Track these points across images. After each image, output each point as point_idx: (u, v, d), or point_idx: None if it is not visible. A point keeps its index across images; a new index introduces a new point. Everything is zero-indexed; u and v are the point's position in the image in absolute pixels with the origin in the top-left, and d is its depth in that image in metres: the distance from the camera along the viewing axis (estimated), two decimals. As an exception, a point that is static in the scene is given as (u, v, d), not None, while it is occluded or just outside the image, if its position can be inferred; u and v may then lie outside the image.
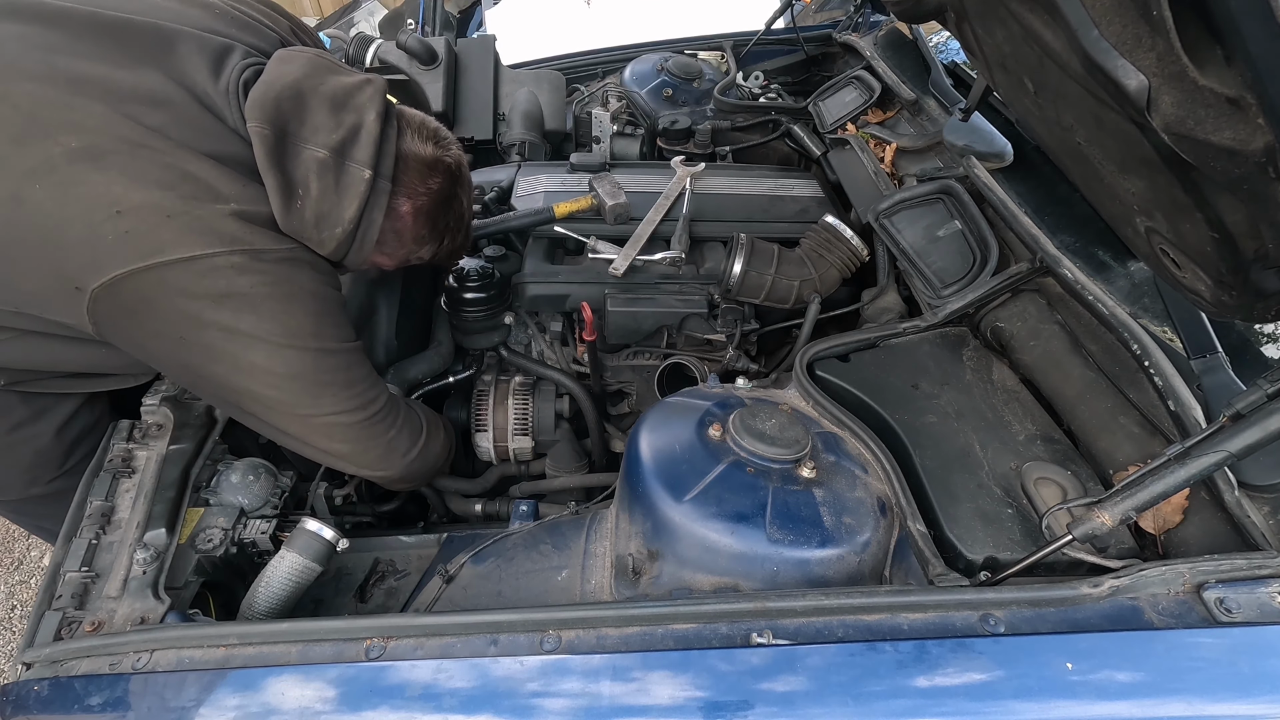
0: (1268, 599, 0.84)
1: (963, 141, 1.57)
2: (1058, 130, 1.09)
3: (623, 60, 2.58)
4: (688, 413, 1.16)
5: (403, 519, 1.65)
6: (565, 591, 1.12)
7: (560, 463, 1.61)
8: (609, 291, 1.64)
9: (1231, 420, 0.85)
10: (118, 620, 0.96)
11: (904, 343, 1.44)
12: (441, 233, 1.25)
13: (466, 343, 1.62)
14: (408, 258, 1.27)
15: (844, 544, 1.00)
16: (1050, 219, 1.39)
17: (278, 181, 1.02)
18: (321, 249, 1.10)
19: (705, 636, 0.85)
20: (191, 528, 1.11)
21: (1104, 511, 0.88)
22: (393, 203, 1.14)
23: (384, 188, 1.11)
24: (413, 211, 1.18)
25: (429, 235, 1.24)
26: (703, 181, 1.79)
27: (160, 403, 1.23)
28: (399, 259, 1.27)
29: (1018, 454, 1.18)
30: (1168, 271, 1.02)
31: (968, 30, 1.23)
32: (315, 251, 1.10)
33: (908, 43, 2.11)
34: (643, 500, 1.07)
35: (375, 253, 1.20)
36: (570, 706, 0.81)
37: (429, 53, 2.08)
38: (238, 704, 0.83)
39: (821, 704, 0.80)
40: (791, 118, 2.19)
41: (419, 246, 1.25)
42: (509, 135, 2.16)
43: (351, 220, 1.08)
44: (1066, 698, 0.80)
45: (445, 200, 1.21)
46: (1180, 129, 0.72)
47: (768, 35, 2.56)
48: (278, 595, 1.06)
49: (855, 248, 1.65)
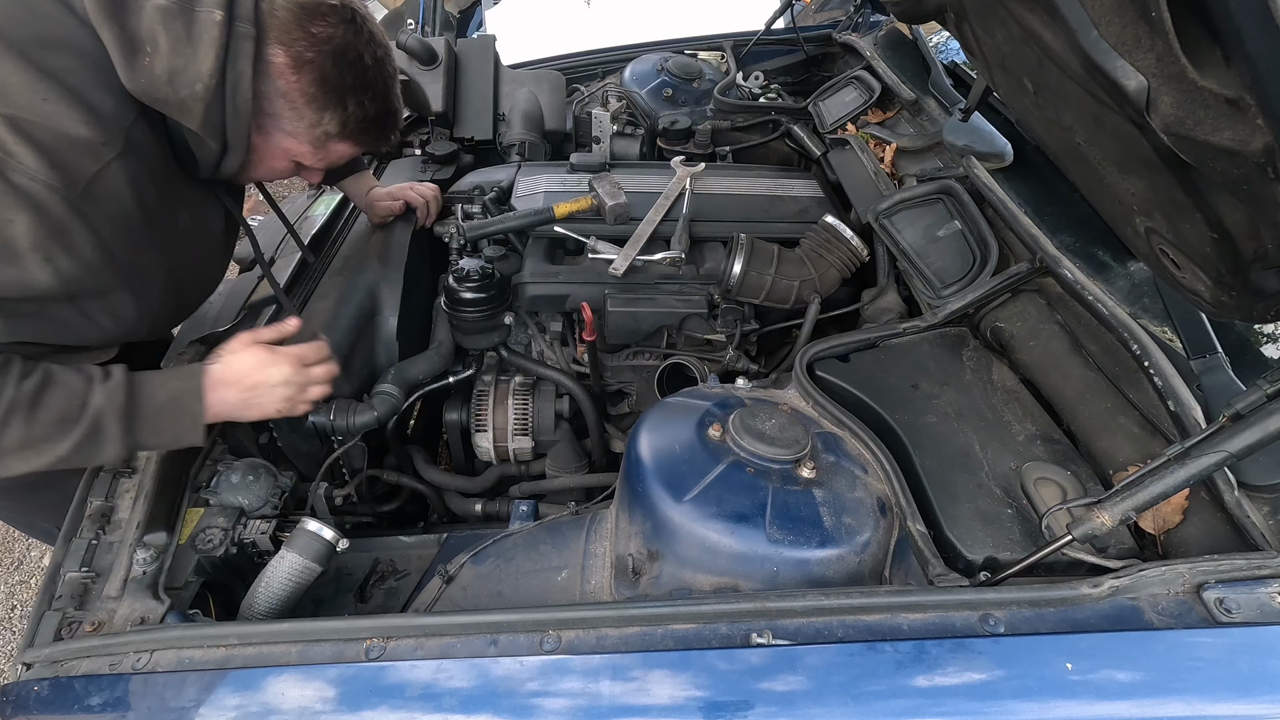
0: (1267, 599, 0.84)
1: (963, 141, 1.57)
2: (1058, 130, 1.09)
3: (623, 60, 2.58)
4: (688, 413, 1.16)
5: (403, 519, 1.65)
6: (565, 592, 1.12)
7: (560, 463, 1.61)
8: (609, 291, 1.64)
9: (1231, 420, 0.85)
10: (118, 620, 0.96)
11: (904, 343, 1.44)
12: (343, 94, 1.08)
13: (466, 343, 1.62)
14: (317, 137, 1.11)
15: (844, 544, 1.00)
16: (1050, 219, 1.39)
17: (116, 37, 0.91)
18: (186, 116, 0.97)
19: (705, 637, 0.85)
20: (191, 528, 1.11)
21: (1104, 511, 0.88)
22: (263, 52, 1.00)
23: (245, 32, 0.97)
24: (293, 64, 1.02)
25: (325, 97, 1.07)
26: (703, 181, 1.79)
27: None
28: (307, 138, 1.11)
29: (1018, 454, 1.18)
30: (1167, 271, 1.02)
31: (968, 30, 1.23)
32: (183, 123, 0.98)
33: (908, 43, 2.12)
34: (643, 500, 1.07)
35: (272, 129, 1.07)
36: (570, 706, 0.81)
37: (429, 53, 2.09)
38: (237, 704, 0.83)
39: (821, 704, 0.80)
40: (791, 118, 2.20)
41: (319, 114, 1.08)
42: (509, 135, 2.16)
43: (211, 73, 0.95)
44: (1066, 698, 0.79)
45: (338, 52, 1.05)
46: (1180, 129, 0.72)
47: (768, 35, 2.56)
48: (278, 595, 1.06)
49: (855, 248, 1.65)
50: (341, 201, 1.86)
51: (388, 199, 1.73)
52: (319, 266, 1.65)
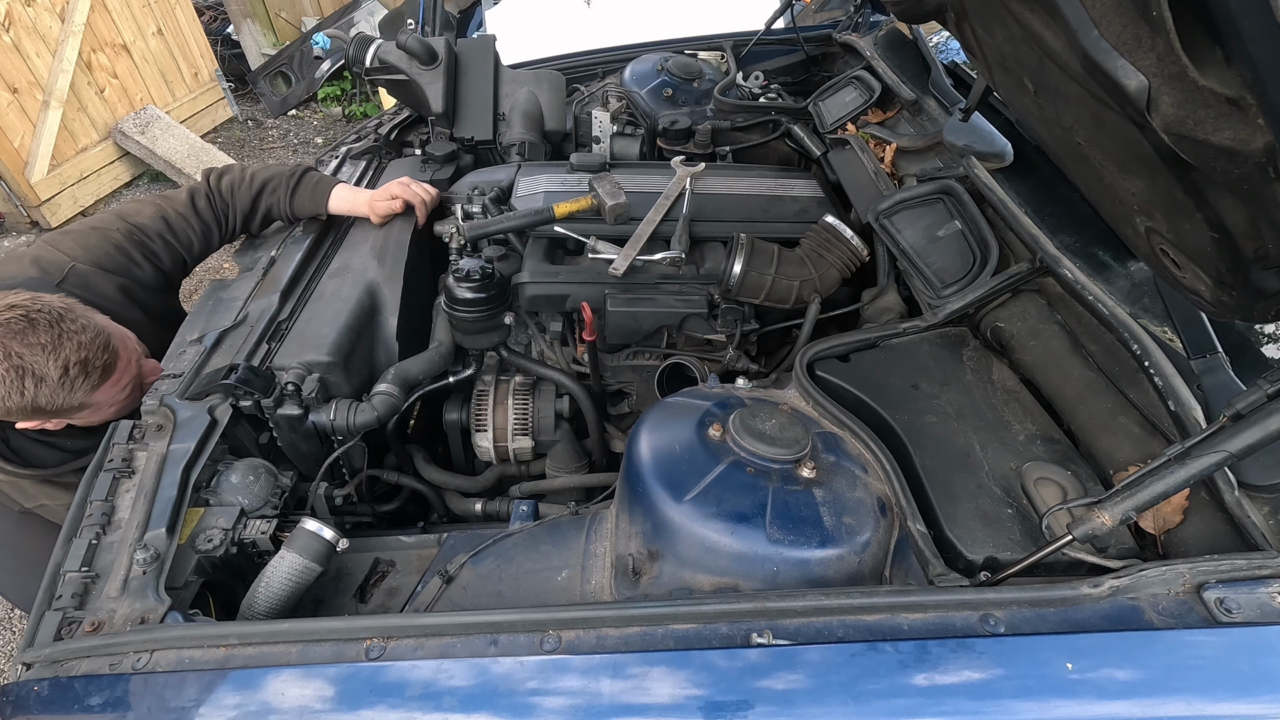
0: (1268, 599, 0.84)
1: (963, 141, 1.57)
2: (1058, 130, 1.09)
3: (623, 60, 2.58)
4: (688, 413, 1.16)
5: (403, 519, 1.65)
6: (565, 592, 1.12)
7: (560, 463, 1.61)
8: (609, 291, 1.64)
9: (1231, 420, 0.85)
10: (118, 620, 0.96)
11: (904, 343, 1.44)
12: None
13: (466, 343, 1.62)
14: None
15: (844, 544, 1.00)
16: (1050, 219, 1.39)
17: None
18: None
19: (705, 637, 0.85)
20: (191, 528, 1.11)
21: (1104, 511, 0.88)
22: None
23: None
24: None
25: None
26: (703, 181, 1.79)
27: (160, 403, 1.24)
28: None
29: (1018, 454, 1.18)
30: (1168, 271, 1.02)
31: (968, 30, 1.23)
32: None
33: (908, 43, 2.12)
34: (643, 500, 1.07)
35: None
36: (570, 705, 0.81)
37: (429, 53, 2.09)
38: (237, 703, 0.83)
39: (821, 703, 0.80)
40: (791, 118, 2.20)
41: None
42: (509, 135, 2.16)
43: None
44: (1066, 697, 0.79)
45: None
46: (1180, 129, 0.72)
47: (768, 35, 2.56)
48: (278, 595, 1.06)
49: (855, 248, 1.65)
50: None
51: (386, 198, 1.73)
52: (319, 266, 1.65)
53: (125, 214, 1.59)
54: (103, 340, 1.28)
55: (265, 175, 1.71)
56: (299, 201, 1.72)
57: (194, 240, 1.64)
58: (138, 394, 1.36)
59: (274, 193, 1.71)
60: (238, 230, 1.72)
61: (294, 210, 1.72)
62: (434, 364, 1.58)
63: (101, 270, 1.49)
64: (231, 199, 1.69)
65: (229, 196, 1.69)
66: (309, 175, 1.76)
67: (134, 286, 1.53)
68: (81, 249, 1.49)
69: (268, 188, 1.71)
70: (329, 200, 1.72)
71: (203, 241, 1.66)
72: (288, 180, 1.72)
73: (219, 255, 4.18)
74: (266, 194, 1.71)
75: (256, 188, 1.70)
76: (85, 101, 4.59)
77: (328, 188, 1.73)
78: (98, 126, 4.73)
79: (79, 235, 1.52)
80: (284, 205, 1.71)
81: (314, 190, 1.73)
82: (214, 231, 1.68)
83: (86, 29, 4.51)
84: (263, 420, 1.33)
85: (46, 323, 1.21)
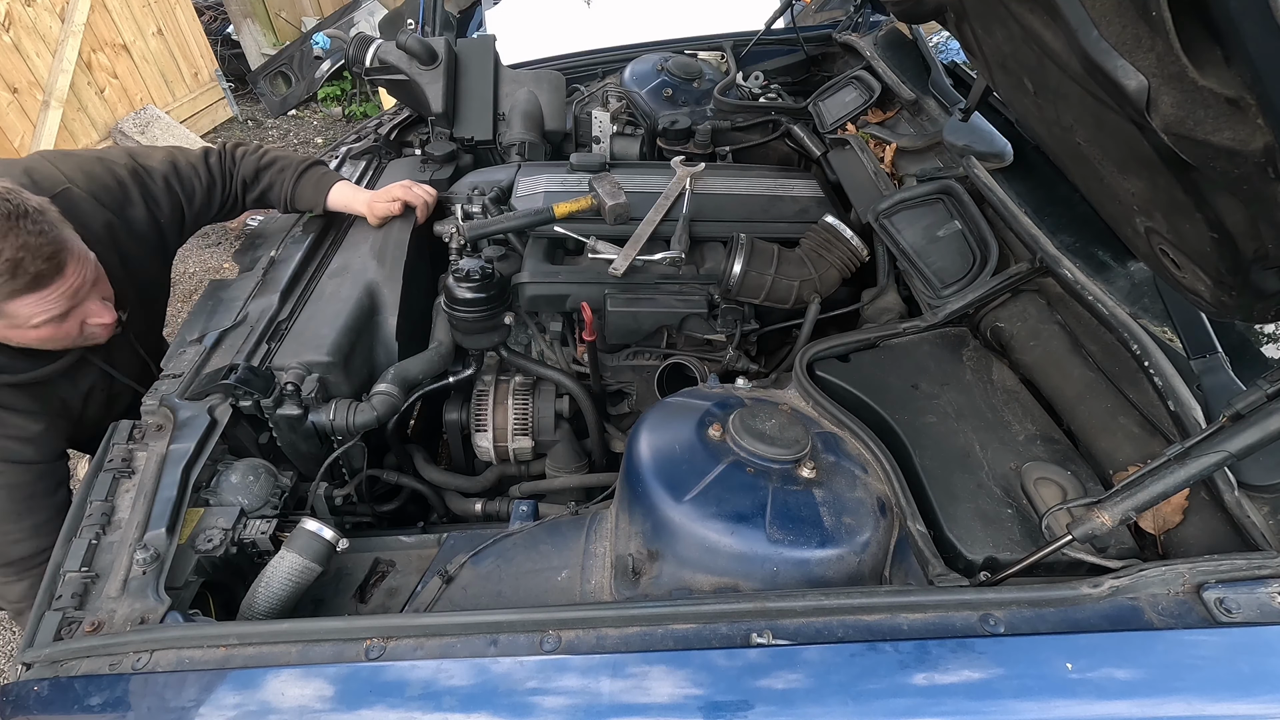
0: (1267, 599, 0.84)
1: (963, 141, 1.57)
2: (1058, 130, 1.09)
3: (623, 60, 2.58)
4: (687, 413, 1.16)
5: (403, 519, 1.65)
6: (565, 592, 1.12)
7: (560, 463, 1.61)
8: (609, 291, 1.64)
9: (1231, 420, 0.85)
10: (118, 620, 0.96)
11: (904, 343, 1.44)
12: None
13: (466, 343, 1.62)
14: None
15: (844, 544, 1.00)
16: (1050, 219, 1.39)
17: None
18: None
19: (705, 637, 0.85)
20: (191, 528, 1.11)
21: (1104, 512, 0.88)
22: None
23: None
24: None
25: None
26: (702, 182, 1.79)
27: (160, 403, 1.24)
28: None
29: (1018, 454, 1.18)
30: (1168, 271, 1.02)
31: (968, 30, 1.23)
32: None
33: (908, 43, 2.12)
34: (643, 500, 1.07)
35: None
36: (569, 704, 0.81)
37: (429, 53, 2.09)
38: (237, 703, 0.83)
39: (821, 703, 0.80)
40: (791, 118, 2.20)
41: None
42: (509, 135, 2.16)
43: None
44: (1066, 697, 0.79)
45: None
46: (1180, 129, 0.72)
47: (768, 35, 2.56)
48: (278, 595, 1.06)
49: (855, 248, 1.65)
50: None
51: (387, 200, 1.73)
52: (319, 267, 1.65)
53: (135, 153, 1.55)
54: (50, 250, 1.18)
55: (276, 154, 1.72)
56: (301, 189, 1.71)
57: (196, 189, 1.60)
58: (71, 329, 1.28)
59: (280, 172, 1.70)
60: (237, 196, 1.68)
61: (294, 196, 1.72)
62: (434, 364, 1.58)
63: (95, 201, 1.43)
64: (239, 164, 1.68)
65: (239, 160, 1.68)
66: (317, 167, 1.76)
67: (121, 227, 1.47)
68: (83, 175, 1.43)
69: (275, 165, 1.70)
70: (329, 195, 1.72)
71: (205, 194, 1.62)
72: (296, 165, 1.72)
73: (219, 255, 4.18)
74: (273, 170, 1.70)
75: (265, 162, 1.70)
76: (85, 101, 4.60)
77: (330, 183, 1.73)
78: (98, 126, 4.73)
79: (82, 160, 1.47)
80: (286, 188, 1.71)
81: (318, 183, 1.72)
82: (217, 187, 1.64)
83: (86, 29, 4.51)
84: (262, 420, 1.33)
85: (6, 213, 1.14)
